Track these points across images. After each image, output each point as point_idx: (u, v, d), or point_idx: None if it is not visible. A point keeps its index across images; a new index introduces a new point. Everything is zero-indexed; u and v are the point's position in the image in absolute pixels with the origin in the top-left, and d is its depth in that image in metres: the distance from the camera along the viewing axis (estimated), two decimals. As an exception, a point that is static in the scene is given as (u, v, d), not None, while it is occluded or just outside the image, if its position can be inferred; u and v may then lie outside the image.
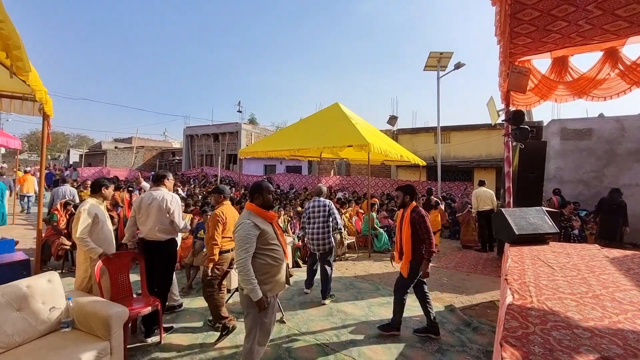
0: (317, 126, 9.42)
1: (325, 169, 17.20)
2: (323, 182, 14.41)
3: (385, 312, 3.89)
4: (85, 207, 3.02)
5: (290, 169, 17.68)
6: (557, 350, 1.63)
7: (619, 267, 3.16)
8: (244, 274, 2.19)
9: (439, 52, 10.75)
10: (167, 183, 3.44)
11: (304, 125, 10.21)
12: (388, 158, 9.09)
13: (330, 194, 12.27)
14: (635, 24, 3.67)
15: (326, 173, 16.65)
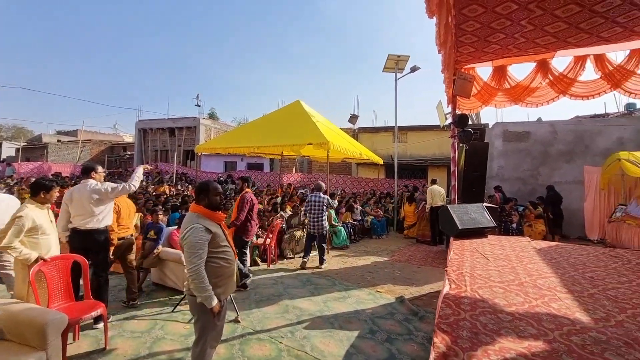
0: (278, 123, 9.37)
1: (287, 166, 17.15)
2: (284, 180, 14.39)
3: (341, 306, 4.02)
4: (21, 213, 2.76)
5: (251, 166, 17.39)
6: (481, 333, 1.81)
7: (544, 257, 3.55)
8: (198, 282, 2.09)
9: (397, 55, 11.16)
10: (95, 175, 3.46)
11: (265, 122, 10.11)
12: (348, 156, 9.30)
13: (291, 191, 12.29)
14: (561, 39, 4.11)
15: (288, 170, 16.61)
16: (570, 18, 3.60)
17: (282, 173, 14.95)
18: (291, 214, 7.10)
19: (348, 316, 3.73)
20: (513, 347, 1.67)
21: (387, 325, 3.52)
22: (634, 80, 4.27)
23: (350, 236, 8.02)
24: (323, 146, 7.51)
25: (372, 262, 6.11)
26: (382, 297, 4.36)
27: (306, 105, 9.90)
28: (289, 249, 6.49)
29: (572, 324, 1.96)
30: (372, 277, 5.19)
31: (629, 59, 4.28)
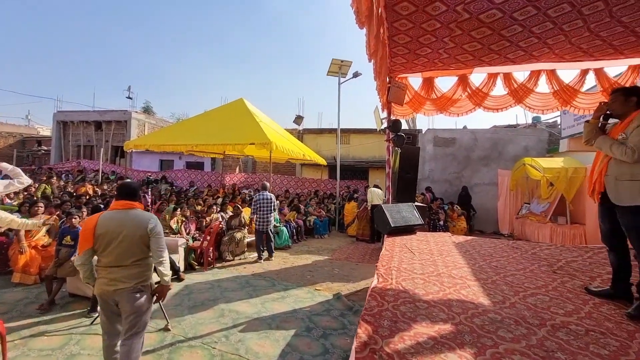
0: (220, 121, 9.05)
1: (230, 165, 16.59)
2: (227, 180, 13.93)
3: (279, 306, 4.03)
4: None
5: (190, 165, 16.45)
6: (400, 321, 1.98)
7: (460, 250, 3.97)
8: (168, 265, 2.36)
9: (340, 60, 11.51)
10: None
11: (206, 119, 9.66)
12: (291, 157, 9.34)
13: (234, 192, 11.93)
14: (477, 57, 4.66)
15: (231, 170, 16.09)
16: (483, 40, 4.12)
17: (225, 173, 14.44)
18: (232, 215, 6.90)
19: (286, 316, 3.76)
20: (425, 332, 1.86)
21: (323, 322, 3.62)
22: (533, 97, 5.03)
23: (293, 236, 8.08)
24: (266, 146, 7.45)
25: (313, 262, 6.23)
26: (320, 294, 4.48)
27: (250, 104, 9.71)
28: (229, 251, 6.31)
29: (475, 307, 2.25)
30: (312, 276, 5.29)
31: (529, 79, 5.03)
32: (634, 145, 2.08)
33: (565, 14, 3.45)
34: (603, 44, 4.06)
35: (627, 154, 2.11)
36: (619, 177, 2.20)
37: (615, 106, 2.32)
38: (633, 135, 2.11)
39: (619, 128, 2.28)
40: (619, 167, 2.20)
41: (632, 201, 2.13)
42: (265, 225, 6.27)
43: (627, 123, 2.23)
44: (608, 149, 2.24)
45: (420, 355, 1.61)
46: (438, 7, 3.39)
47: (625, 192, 2.16)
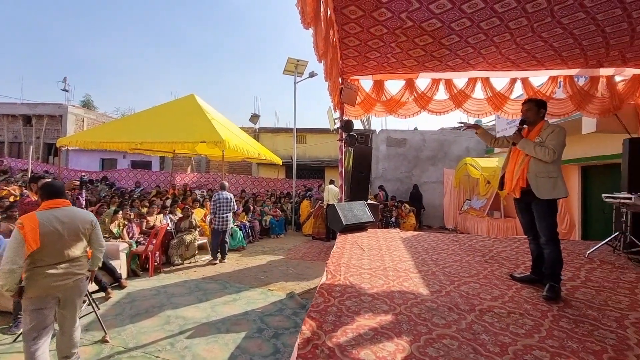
0: (169, 118, 8.56)
1: (181, 165, 15.79)
2: (178, 180, 13.25)
3: (230, 309, 3.93)
4: None
5: (136, 165, 15.34)
6: (344, 315, 2.04)
7: (406, 244, 4.19)
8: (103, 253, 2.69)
9: (296, 59, 11.52)
10: None
11: (153, 115, 9.06)
12: (246, 156, 9.14)
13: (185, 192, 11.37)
14: (421, 63, 4.94)
15: (182, 169, 15.30)
16: (426, 47, 4.38)
17: (175, 173, 13.70)
18: (181, 217, 6.58)
19: (237, 318, 3.68)
20: (367, 324, 1.94)
21: (275, 322, 3.61)
22: (470, 102, 5.47)
23: (248, 236, 7.92)
24: (218, 145, 7.22)
25: (268, 262, 6.17)
26: (274, 294, 4.45)
27: (201, 101, 9.33)
28: (177, 255, 6.01)
29: (415, 298, 2.39)
30: (266, 276, 5.24)
31: (467, 85, 5.45)
32: (553, 148, 2.49)
33: (495, 27, 3.79)
34: (528, 56, 4.53)
35: (548, 154, 2.49)
36: (538, 174, 2.55)
37: (530, 114, 2.72)
38: (550, 139, 2.53)
39: (532, 133, 2.68)
40: (538, 165, 2.56)
41: (549, 195, 2.50)
42: (224, 225, 6.15)
43: (539, 130, 2.65)
44: (532, 150, 2.56)
45: (360, 347, 1.68)
46: (384, 13, 3.54)
47: (544, 186, 2.51)
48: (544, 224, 2.55)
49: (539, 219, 2.58)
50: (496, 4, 3.31)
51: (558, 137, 2.54)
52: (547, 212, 2.55)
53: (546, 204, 2.53)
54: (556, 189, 2.51)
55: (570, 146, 7.16)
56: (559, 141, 2.53)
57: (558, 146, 2.52)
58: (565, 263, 3.38)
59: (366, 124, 14.96)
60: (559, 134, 2.55)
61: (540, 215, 2.57)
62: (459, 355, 1.64)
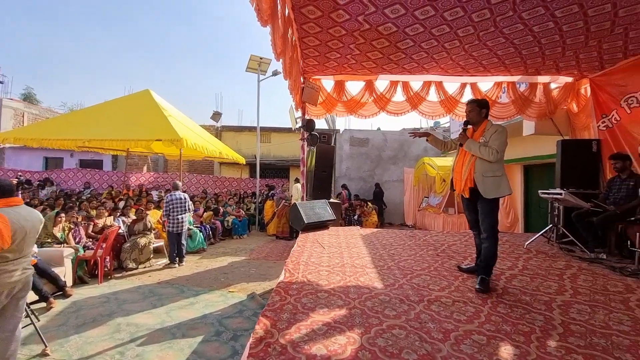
0: (121, 114, 8.04)
1: (136, 164, 14.89)
2: (133, 180, 12.53)
3: (186, 313, 3.80)
4: None
5: (86, 164, 14.22)
6: (300, 312, 2.06)
7: (365, 241, 4.31)
8: None
9: (259, 57, 11.35)
10: None
11: (103, 111, 8.45)
12: (206, 155, 8.85)
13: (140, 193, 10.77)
14: (380, 66, 5.10)
15: (137, 169, 14.46)
16: (383, 50, 4.53)
17: (130, 172, 12.91)
18: (135, 219, 6.22)
19: (193, 323, 3.57)
20: (322, 319, 1.98)
21: (234, 324, 3.55)
22: (425, 104, 5.75)
23: (209, 238, 7.69)
24: (175, 143, 6.92)
25: (229, 263, 6.04)
26: (234, 296, 4.37)
27: (157, 96, 8.86)
28: (131, 259, 5.68)
29: (369, 292, 2.48)
30: (227, 278, 5.13)
31: (422, 88, 5.73)
32: (497, 148, 2.60)
33: (446, 34, 4.02)
34: (475, 62, 4.86)
35: (492, 154, 2.59)
36: (484, 174, 2.66)
37: (473, 115, 2.83)
38: (493, 139, 2.63)
39: (476, 134, 2.79)
40: (483, 165, 2.67)
41: (494, 194, 2.63)
42: (179, 227, 5.90)
43: (482, 130, 2.75)
44: (477, 150, 2.67)
45: (313, 342, 1.71)
46: (342, 14, 3.61)
47: (490, 186, 2.63)
48: (487, 221, 2.68)
49: (482, 216, 2.70)
50: (445, 12, 3.51)
51: (500, 137, 2.64)
52: (490, 210, 2.68)
53: (491, 202, 2.65)
54: (501, 188, 2.63)
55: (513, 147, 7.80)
56: (501, 141, 2.63)
57: (501, 146, 2.63)
58: (506, 254, 3.69)
59: (331, 124, 15.14)
60: (502, 134, 2.65)
61: (484, 213, 2.70)
62: (406, 343, 1.73)
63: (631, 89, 4.38)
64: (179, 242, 5.91)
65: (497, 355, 1.65)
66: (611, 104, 4.72)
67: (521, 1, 3.29)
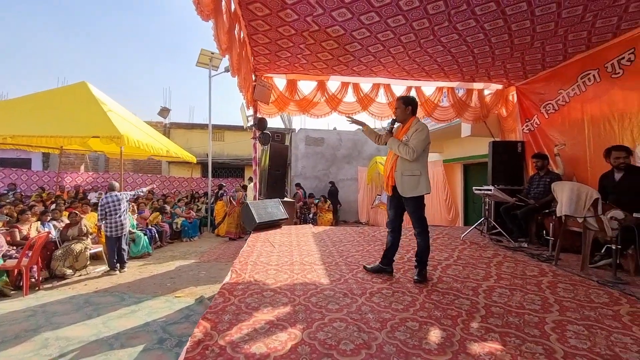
0: (53, 108, 7.26)
1: (72, 163, 13.54)
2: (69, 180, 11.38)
3: (126, 322, 3.55)
4: None
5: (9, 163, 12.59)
6: (243, 312, 2.04)
7: (316, 239, 4.38)
8: None
9: (211, 52, 10.94)
10: None
11: (30, 104, 7.55)
12: (152, 153, 8.33)
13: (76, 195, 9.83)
14: (330, 67, 5.20)
15: (74, 168, 13.16)
16: (333, 51, 4.64)
17: (64, 171, 11.71)
18: (68, 224, 5.67)
19: (134, 331, 3.35)
20: (265, 318, 1.99)
21: (180, 330, 3.40)
22: (375, 106, 6.00)
23: (155, 241, 7.26)
24: (115, 141, 6.42)
25: (177, 267, 5.76)
26: (181, 301, 4.18)
27: (96, 90, 8.13)
28: (65, 267, 5.17)
29: (315, 288, 2.54)
30: (173, 283, 4.89)
31: (372, 90, 5.97)
32: (414, 147, 2.61)
33: (391, 40, 4.23)
34: (418, 68, 5.17)
35: (409, 153, 2.60)
36: (403, 172, 2.68)
37: (399, 113, 2.84)
38: (412, 138, 2.66)
39: (401, 131, 2.82)
40: (403, 164, 2.70)
41: (411, 193, 2.67)
42: (118, 230, 5.48)
43: (407, 128, 2.77)
44: (396, 148, 2.69)
45: (253, 341, 1.71)
46: (290, 14, 3.63)
47: (408, 185, 2.67)
48: (415, 217, 2.72)
49: (410, 214, 2.74)
50: (389, 19, 3.69)
51: (419, 136, 2.62)
52: (416, 207, 2.70)
53: (414, 200, 2.68)
54: (419, 187, 2.64)
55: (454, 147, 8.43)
56: (420, 140, 2.61)
57: (419, 145, 2.60)
58: (444, 245, 3.99)
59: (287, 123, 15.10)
60: (421, 132, 2.63)
61: (410, 210, 2.73)
62: (345, 334, 1.81)
63: (548, 97, 4.97)
64: (119, 247, 5.50)
65: (426, 339, 1.79)
66: (533, 110, 5.31)
67: (455, 13, 3.57)
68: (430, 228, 5.22)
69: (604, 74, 4.12)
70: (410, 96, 3.09)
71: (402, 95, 3.05)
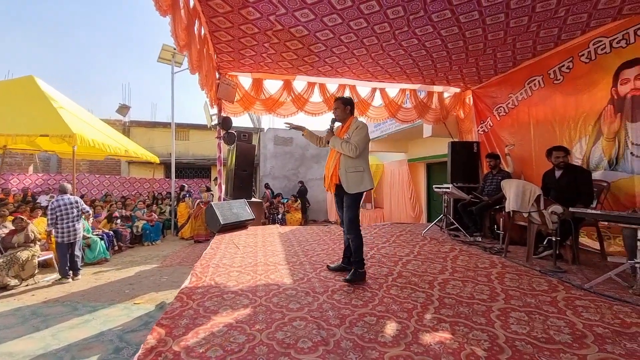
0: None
1: (19, 164, 12.44)
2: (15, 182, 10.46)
3: (79, 333, 3.34)
4: None
5: (-59, 164, 11.31)
6: (200, 317, 2.00)
7: (282, 239, 4.37)
8: None
9: (173, 47, 10.50)
10: None
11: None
12: (109, 153, 7.86)
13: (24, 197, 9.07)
14: (295, 67, 5.20)
15: (21, 169, 12.11)
16: (298, 51, 4.65)
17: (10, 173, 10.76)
18: (13, 230, 5.21)
19: (88, 342, 3.16)
20: (223, 321, 1.96)
21: (138, 338, 3.25)
22: (341, 106, 6.09)
23: (114, 246, 6.88)
24: (67, 140, 6.00)
25: (136, 273, 5.49)
26: (140, 308, 4.00)
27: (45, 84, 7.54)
28: (9, 277, 4.76)
29: (277, 288, 2.54)
30: (132, 290, 4.66)
31: (338, 90, 6.04)
32: (356, 144, 2.67)
33: (354, 42, 4.31)
34: (382, 70, 5.32)
35: (351, 150, 2.67)
36: (347, 169, 2.73)
37: (338, 113, 2.90)
38: (354, 135, 2.72)
39: (342, 130, 2.88)
40: (347, 161, 2.75)
41: (356, 189, 2.72)
42: (71, 236, 5.12)
43: (348, 126, 2.84)
44: (339, 146, 2.74)
45: (210, 344, 1.69)
46: (252, 12, 3.58)
47: (353, 181, 2.72)
48: (347, 215, 2.75)
49: (345, 211, 2.78)
50: (351, 21, 3.76)
51: (360, 133, 2.70)
52: (351, 204, 2.75)
53: (353, 197, 2.73)
54: (363, 183, 2.72)
55: (417, 147, 8.76)
56: (361, 137, 2.69)
57: (360, 142, 2.68)
58: (406, 242, 4.14)
59: (256, 122, 14.88)
60: (362, 129, 2.72)
61: (347, 207, 2.76)
62: (304, 333, 1.83)
63: (500, 101, 5.32)
64: (72, 254, 5.15)
65: (382, 332, 1.86)
66: (487, 112, 5.65)
67: (414, 19, 3.71)
68: (396, 225, 5.43)
69: (547, 80, 4.48)
70: (348, 97, 3.15)
71: (341, 96, 3.01)
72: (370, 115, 6.19)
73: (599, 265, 3.23)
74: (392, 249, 3.79)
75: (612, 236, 3.61)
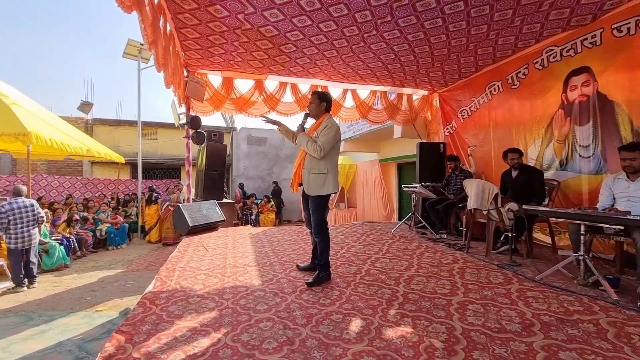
0: None
1: (-35, 164, 11.43)
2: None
3: (34, 344, 3.15)
4: None
5: None
6: (163, 322, 1.95)
7: (253, 240, 4.34)
8: None
9: (140, 43, 10.09)
10: None
11: None
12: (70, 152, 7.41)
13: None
14: (266, 66, 5.17)
15: (-33, 170, 11.12)
16: (268, 51, 4.62)
17: (-48, 175, 9.85)
18: (-43, 236, 4.80)
19: (44, 353, 2.99)
20: (188, 325, 1.93)
21: (100, 347, 3.07)
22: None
23: (75, 252, 6.50)
24: (21, 138, 5.61)
25: (100, 279, 5.23)
26: (102, 315, 3.82)
27: (-5, 79, 6.98)
28: (-49, 289, 4.38)
29: (246, 289, 2.52)
30: (95, 296, 4.44)
31: (309, 91, 6.06)
32: (322, 144, 2.53)
33: (324, 43, 4.35)
34: (352, 72, 5.40)
35: (316, 151, 2.52)
36: (310, 170, 2.61)
37: (313, 107, 2.74)
38: (321, 135, 2.58)
39: (313, 128, 2.75)
40: (311, 161, 2.62)
41: (317, 192, 2.59)
42: (25, 242, 4.78)
43: (319, 124, 2.69)
44: (305, 145, 2.59)
45: (172, 349, 1.66)
46: (220, 10, 3.52)
47: (314, 183, 2.59)
48: (313, 217, 2.63)
49: (312, 214, 2.66)
50: (321, 23, 3.80)
51: (328, 134, 2.55)
52: (318, 207, 2.62)
53: (318, 199, 2.59)
54: (325, 186, 2.57)
55: (389, 147, 8.98)
56: (329, 137, 2.54)
57: (327, 143, 2.52)
58: (376, 240, 4.24)
59: (229, 121, 14.59)
60: (330, 129, 2.56)
61: (312, 208, 2.65)
62: (270, 334, 1.84)
63: (463, 104, 5.57)
64: (27, 260, 4.82)
65: (347, 329, 1.90)
66: (452, 115, 5.90)
67: (381, 23, 3.81)
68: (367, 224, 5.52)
69: (505, 85, 4.76)
70: (327, 92, 3.01)
71: (319, 91, 2.84)
72: (342, 116, 6.27)
73: (550, 258, 3.48)
74: (361, 248, 3.87)
75: (562, 231, 3.89)
